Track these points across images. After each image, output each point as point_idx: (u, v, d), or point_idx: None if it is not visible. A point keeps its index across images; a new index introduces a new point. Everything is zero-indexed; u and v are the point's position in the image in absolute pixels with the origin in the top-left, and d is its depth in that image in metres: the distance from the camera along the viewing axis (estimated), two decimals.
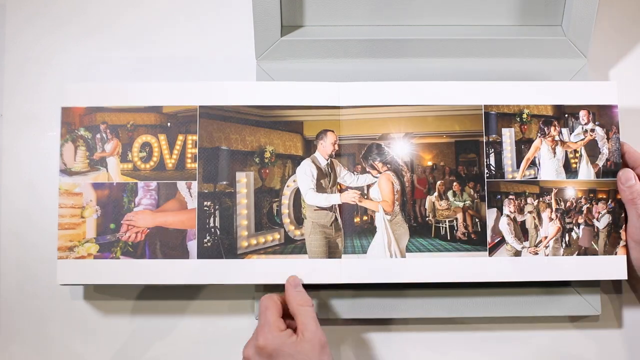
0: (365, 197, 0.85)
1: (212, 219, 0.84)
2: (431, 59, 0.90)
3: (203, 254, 0.83)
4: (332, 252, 0.84)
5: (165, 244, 0.83)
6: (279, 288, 0.86)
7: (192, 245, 0.83)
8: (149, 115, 0.85)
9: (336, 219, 0.84)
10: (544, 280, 0.83)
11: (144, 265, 0.83)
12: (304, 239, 0.84)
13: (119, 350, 0.89)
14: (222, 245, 0.83)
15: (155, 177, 0.84)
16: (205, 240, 0.83)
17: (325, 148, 0.85)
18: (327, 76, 0.89)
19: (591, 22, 0.87)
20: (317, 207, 0.84)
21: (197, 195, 0.84)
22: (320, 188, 0.84)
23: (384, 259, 0.83)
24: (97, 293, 0.89)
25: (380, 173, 0.85)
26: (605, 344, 0.88)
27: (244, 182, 0.84)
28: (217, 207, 0.84)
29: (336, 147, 0.85)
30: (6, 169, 0.92)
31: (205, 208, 0.84)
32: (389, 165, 0.85)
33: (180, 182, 0.84)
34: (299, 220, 0.85)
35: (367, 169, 0.85)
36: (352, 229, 0.84)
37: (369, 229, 0.84)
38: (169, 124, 0.85)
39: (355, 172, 0.85)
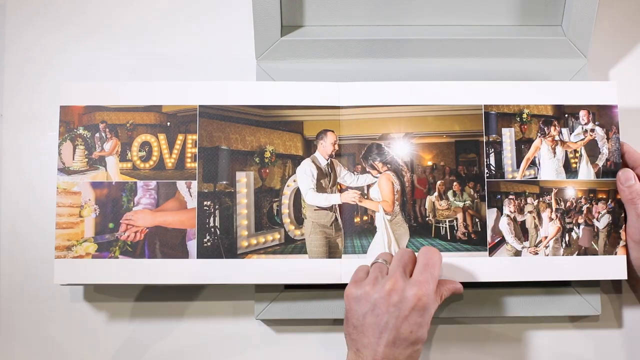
0: (365, 197, 0.85)
1: (212, 219, 0.83)
2: (431, 59, 0.90)
3: (203, 253, 0.83)
4: (332, 252, 0.84)
5: (164, 243, 0.83)
6: (279, 288, 0.86)
7: (192, 245, 0.83)
8: (149, 115, 0.85)
9: (336, 219, 0.84)
10: (544, 280, 0.83)
11: (143, 265, 0.83)
12: (304, 239, 0.84)
13: (119, 350, 0.89)
14: (222, 245, 0.83)
15: (155, 177, 0.84)
16: (205, 240, 0.83)
17: (325, 148, 0.85)
18: (327, 76, 0.89)
19: (591, 22, 0.87)
20: (317, 207, 0.84)
21: (196, 195, 0.84)
22: (320, 188, 0.84)
23: None
24: (97, 293, 0.89)
25: (380, 173, 0.85)
26: (605, 344, 0.88)
27: (244, 181, 0.84)
28: (217, 206, 0.84)
29: (336, 147, 0.85)
30: (6, 169, 0.92)
31: (205, 208, 0.83)
32: (389, 165, 0.85)
33: (180, 182, 0.84)
34: (299, 220, 0.84)
35: (367, 169, 0.85)
36: (352, 229, 0.84)
37: (369, 229, 0.84)
38: (168, 123, 0.85)
39: (355, 172, 0.85)
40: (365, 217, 0.85)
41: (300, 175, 0.85)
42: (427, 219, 0.85)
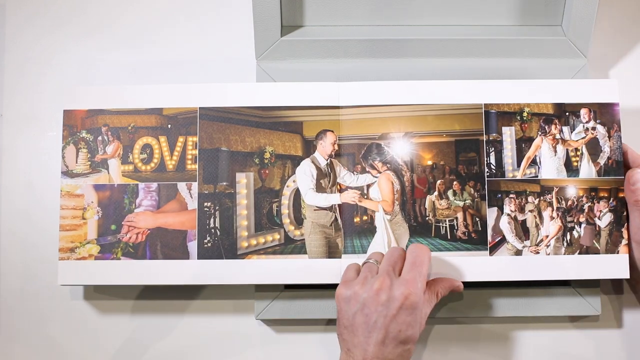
0: (365, 197, 0.85)
1: (212, 220, 0.84)
2: (431, 59, 0.90)
3: (203, 254, 0.83)
4: (332, 252, 0.84)
5: (165, 244, 0.83)
6: (279, 288, 0.86)
7: (193, 246, 0.83)
8: (150, 117, 0.85)
9: (336, 219, 0.84)
10: (546, 279, 0.83)
11: (145, 266, 0.83)
12: (304, 239, 0.84)
13: (119, 350, 0.89)
14: (222, 245, 0.83)
15: (156, 179, 0.84)
16: (206, 241, 0.83)
17: (324, 148, 0.85)
18: (327, 76, 0.89)
19: (591, 22, 0.87)
20: (316, 207, 0.84)
21: (197, 196, 0.84)
22: (320, 188, 0.84)
23: None
24: (97, 293, 0.90)
25: (380, 173, 0.85)
26: (605, 344, 0.88)
27: (244, 182, 0.84)
28: (217, 207, 0.84)
29: (336, 147, 0.85)
30: (6, 169, 0.92)
31: (205, 209, 0.84)
32: (388, 165, 0.85)
33: (181, 183, 0.84)
34: (298, 221, 0.85)
35: (367, 169, 0.85)
36: (352, 228, 0.84)
37: (368, 229, 0.84)
38: (169, 125, 0.85)
39: (355, 172, 0.85)
40: (365, 217, 0.85)
41: (299, 176, 0.85)
42: (427, 218, 0.85)
